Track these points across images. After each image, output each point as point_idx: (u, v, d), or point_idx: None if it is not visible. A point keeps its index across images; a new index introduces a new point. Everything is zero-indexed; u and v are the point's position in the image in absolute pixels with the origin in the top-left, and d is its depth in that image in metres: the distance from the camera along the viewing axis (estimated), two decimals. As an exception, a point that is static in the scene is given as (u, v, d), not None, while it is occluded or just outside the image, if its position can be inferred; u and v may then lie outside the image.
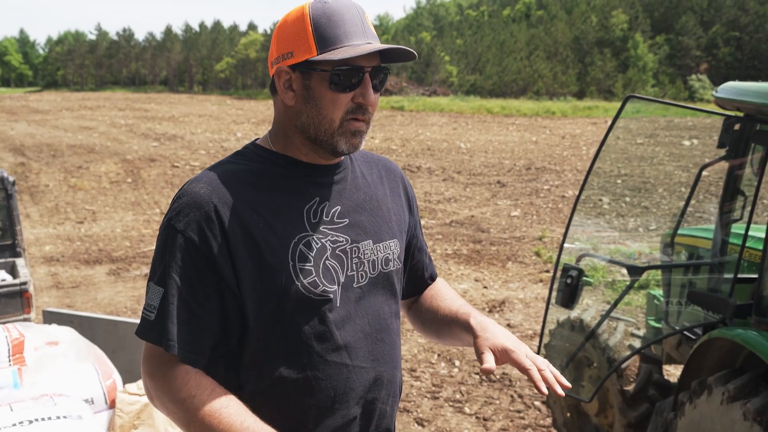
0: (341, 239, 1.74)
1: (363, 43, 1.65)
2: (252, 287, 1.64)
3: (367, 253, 1.79)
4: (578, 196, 4.37)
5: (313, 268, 1.68)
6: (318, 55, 1.63)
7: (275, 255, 1.65)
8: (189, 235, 1.61)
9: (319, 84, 1.66)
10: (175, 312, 1.61)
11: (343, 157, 1.82)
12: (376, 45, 1.66)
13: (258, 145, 1.79)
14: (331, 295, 1.70)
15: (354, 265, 1.76)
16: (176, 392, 1.60)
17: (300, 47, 1.64)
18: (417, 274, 2.06)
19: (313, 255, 1.69)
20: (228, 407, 1.58)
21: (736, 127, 3.99)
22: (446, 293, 2.05)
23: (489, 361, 1.68)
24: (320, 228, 1.72)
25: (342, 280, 1.73)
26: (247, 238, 1.63)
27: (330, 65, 1.64)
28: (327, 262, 1.70)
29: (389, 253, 1.85)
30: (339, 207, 1.76)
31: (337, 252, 1.73)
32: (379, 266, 1.82)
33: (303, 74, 1.67)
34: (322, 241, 1.71)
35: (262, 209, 1.66)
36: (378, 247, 1.82)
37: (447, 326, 1.94)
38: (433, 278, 2.11)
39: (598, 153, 4.23)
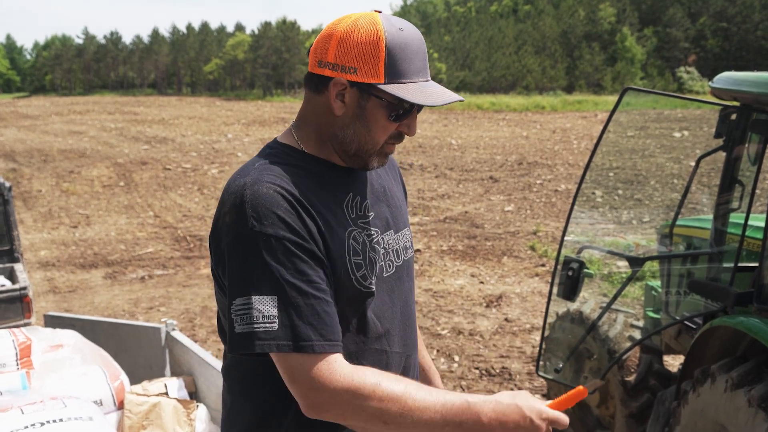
0: (373, 231, 1.79)
1: (422, 80, 1.67)
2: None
3: (391, 243, 1.84)
4: (578, 189, 4.39)
5: (362, 262, 1.72)
6: (385, 84, 1.63)
7: (336, 250, 1.67)
8: (281, 234, 1.58)
9: (376, 109, 1.67)
10: (303, 310, 1.57)
11: None
12: (443, 94, 1.67)
13: (286, 145, 1.78)
14: (374, 287, 1.75)
15: (383, 255, 1.80)
16: (359, 386, 1.55)
17: (367, 69, 1.63)
18: None
19: (360, 248, 1.72)
20: (421, 388, 1.59)
21: (733, 117, 4.02)
22: None
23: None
24: (358, 222, 1.76)
25: (377, 270, 1.77)
26: (318, 232, 1.65)
27: (395, 99, 1.65)
28: (369, 254, 1.75)
29: (406, 241, 1.92)
30: (367, 200, 1.81)
31: (373, 244, 1.77)
32: (402, 255, 1.88)
33: (361, 94, 1.66)
34: (362, 234, 1.75)
35: (318, 205, 1.67)
36: (398, 237, 1.88)
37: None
38: None
39: (596, 146, 4.26)
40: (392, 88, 1.63)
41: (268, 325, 1.55)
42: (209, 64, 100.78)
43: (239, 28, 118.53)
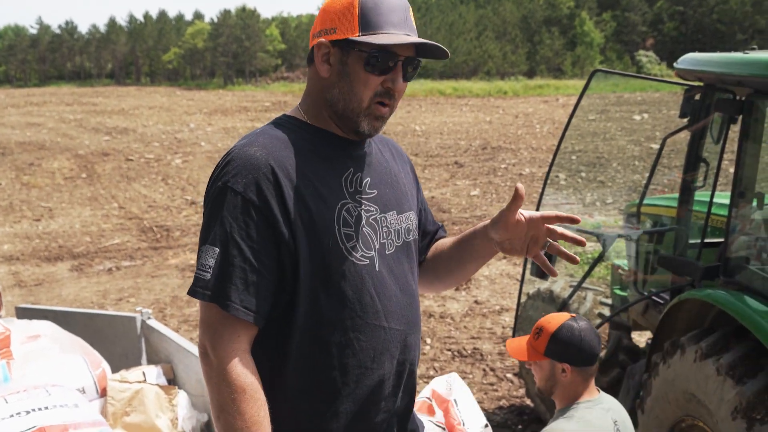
0: (372, 209, 1.84)
1: (402, 33, 1.75)
2: (303, 247, 1.71)
3: (392, 223, 1.89)
4: (549, 170, 4.48)
5: (354, 233, 1.78)
6: (359, 36, 1.72)
7: (323, 219, 1.73)
8: (249, 195, 1.67)
9: (356, 63, 1.75)
10: (235, 271, 1.66)
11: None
12: (414, 38, 1.76)
13: (292, 117, 1.87)
14: (369, 260, 1.80)
15: (384, 233, 1.86)
16: (231, 373, 1.65)
17: (344, 25, 1.74)
18: (429, 232, 2.16)
19: (353, 221, 1.78)
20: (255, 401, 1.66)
21: (697, 97, 4.13)
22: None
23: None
24: (356, 197, 1.81)
25: (377, 247, 1.83)
26: (299, 200, 1.71)
27: (368, 48, 1.73)
28: (364, 229, 1.80)
29: (410, 224, 1.96)
30: (369, 178, 1.87)
31: (370, 221, 1.82)
32: (403, 236, 1.93)
33: (342, 51, 1.76)
34: (359, 209, 1.81)
35: (310, 174, 1.75)
36: (401, 218, 1.93)
37: (464, 248, 2.03)
38: (444, 231, 2.21)
39: (566, 129, 4.34)
40: (366, 38, 1.72)
41: (204, 273, 1.66)
42: (168, 53, 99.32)
43: (198, 16, 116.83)
